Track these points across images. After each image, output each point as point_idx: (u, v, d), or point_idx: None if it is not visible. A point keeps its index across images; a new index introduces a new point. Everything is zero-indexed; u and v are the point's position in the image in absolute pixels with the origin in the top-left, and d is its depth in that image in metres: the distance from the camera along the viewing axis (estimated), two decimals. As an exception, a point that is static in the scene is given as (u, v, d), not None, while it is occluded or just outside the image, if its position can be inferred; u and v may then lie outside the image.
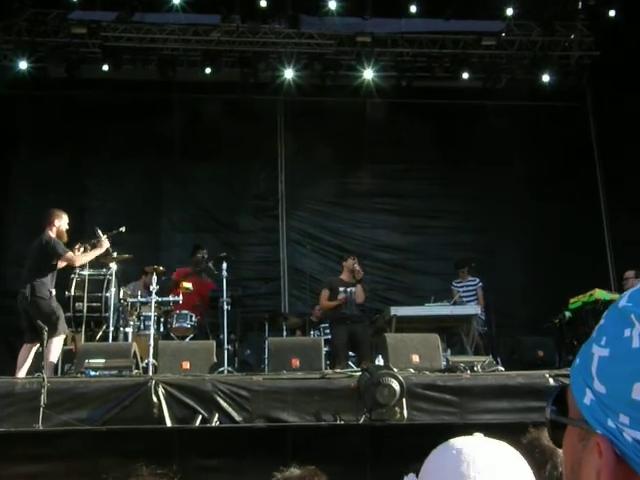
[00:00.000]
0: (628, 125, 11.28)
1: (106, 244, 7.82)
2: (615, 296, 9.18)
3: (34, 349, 7.28)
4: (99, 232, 7.92)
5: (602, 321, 0.76)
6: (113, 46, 11.84)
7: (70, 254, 7.48)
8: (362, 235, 12.99)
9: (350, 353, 9.20)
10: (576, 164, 12.78)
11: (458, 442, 1.26)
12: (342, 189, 13.16)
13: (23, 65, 11.52)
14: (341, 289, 9.38)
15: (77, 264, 7.69)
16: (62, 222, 7.66)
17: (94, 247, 7.84)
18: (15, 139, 12.44)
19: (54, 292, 7.39)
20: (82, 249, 7.83)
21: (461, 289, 10.47)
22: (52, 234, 7.53)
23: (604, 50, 12.37)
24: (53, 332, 7.13)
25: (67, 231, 7.67)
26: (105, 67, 11.90)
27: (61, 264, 7.53)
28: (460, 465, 1.20)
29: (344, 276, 9.65)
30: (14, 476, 4.96)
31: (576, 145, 12.86)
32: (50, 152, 12.22)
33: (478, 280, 10.54)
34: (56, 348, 7.18)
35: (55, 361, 7.20)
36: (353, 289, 9.41)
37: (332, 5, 11.43)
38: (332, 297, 9.44)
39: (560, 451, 2.27)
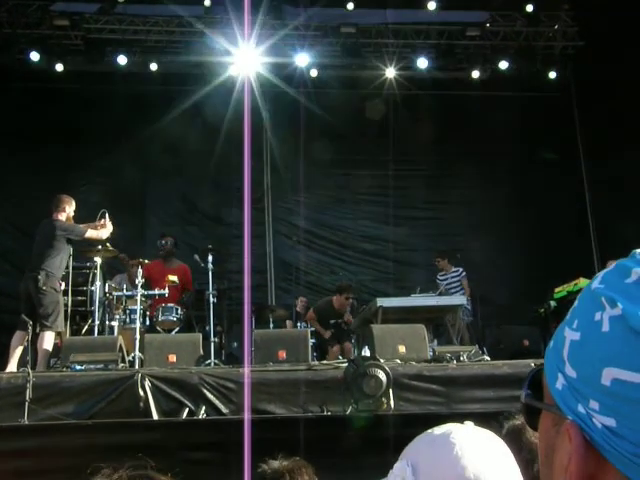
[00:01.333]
0: (612, 114, 11.32)
1: (110, 227, 7.87)
2: (600, 285, 9.24)
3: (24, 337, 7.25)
4: (106, 215, 8.00)
5: (575, 303, 0.75)
6: (96, 38, 11.74)
7: (89, 233, 7.63)
8: (348, 226, 13.01)
9: None
10: (561, 154, 12.84)
11: (453, 433, 1.25)
12: (328, 181, 13.15)
13: (4, 57, 11.39)
14: (332, 322, 9.64)
15: (104, 236, 7.80)
16: (71, 208, 7.79)
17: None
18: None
19: (63, 285, 7.41)
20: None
21: (445, 281, 10.49)
22: (62, 218, 7.57)
23: (588, 40, 12.40)
24: (51, 326, 7.13)
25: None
26: (87, 59, 11.78)
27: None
28: (457, 460, 1.20)
29: (336, 304, 9.85)
30: (0, 471, 4.94)
31: (560, 135, 12.90)
32: (33, 145, 12.10)
33: (461, 270, 10.57)
34: (49, 341, 7.17)
35: (50, 349, 7.19)
36: (339, 320, 9.79)
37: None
38: (320, 322, 9.86)
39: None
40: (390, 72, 12.44)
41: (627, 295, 0.68)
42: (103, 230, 7.82)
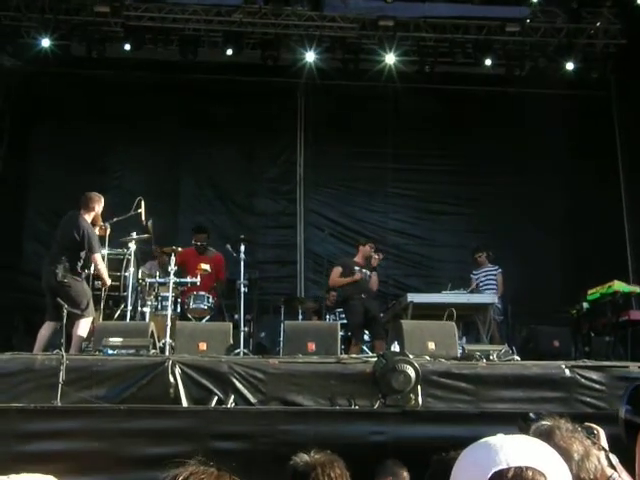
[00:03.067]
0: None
1: (108, 281, 7.77)
2: (634, 288, 9.12)
3: (53, 328, 7.35)
4: (142, 203, 8.14)
5: None
6: (135, 25, 11.82)
7: (98, 258, 7.51)
8: (380, 220, 12.98)
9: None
10: (599, 153, 12.65)
11: (491, 440, 1.24)
12: (361, 174, 13.11)
13: (46, 42, 11.51)
14: (356, 268, 9.39)
15: (98, 268, 7.57)
16: (100, 207, 7.77)
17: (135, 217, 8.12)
18: (35, 116, 12.50)
19: (84, 273, 7.45)
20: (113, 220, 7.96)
21: (481, 275, 10.43)
22: (89, 219, 7.57)
23: (630, 38, 12.19)
24: (83, 314, 7.21)
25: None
26: (127, 47, 11.86)
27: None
28: (486, 460, 1.19)
29: (358, 259, 9.65)
30: (31, 453, 5.02)
31: (599, 134, 12.71)
32: (70, 130, 12.26)
33: (498, 267, 10.51)
34: (84, 328, 7.26)
35: (84, 336, 7.27)
36: (368, 272, 9.45)
37: (355, -12, 11.34)
38: (345, 275, 9.46)
39: (575, 454, 2.25)
40: (427, 66, 12.33)
41: None
42: (107, 280, 7.71)
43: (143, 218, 8.26)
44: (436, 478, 2.68)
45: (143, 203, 8.17)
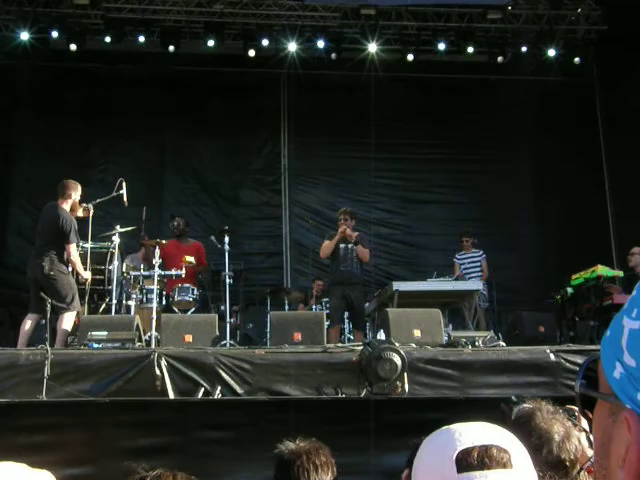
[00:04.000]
0: (634, 100, 11.18)
1: (88, 275, 7.70)
2: (617, 272, 9.19)
3: (36, 321, 7.31)
4: (123, 184, 8.12)
5: (634, 292, 0.74)
6: (115, 17, 11.73)
7: (73, 248, 7.41)
8: (365, 209, 12.95)
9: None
10: (581, 139, 12.71)
11: (452, 427, 1.25)
12: (345, 163, 13.10)
13: (25, 36, 11.40)
14: (341, 246, 9.11)
15: (71, 259, 7.45)
16: (77, 194, 7.70)
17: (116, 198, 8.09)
18: (16, 110, 12.38)
19: (70, 267, 7.42)
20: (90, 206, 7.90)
21: (466, 261, 10.47)
22: (67, 207, 7.53)
23: (611, 24, 12.23)
24: (68, 307, 7.17)
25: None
26: (107, 39, 11.77)
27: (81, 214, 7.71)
28: (449, 443, 1.19)
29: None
30: (17, 446, 5.00)
31: (582, 120, 12.78)
32: (52, 124, 12.16)
33: (482, 252, 10.55)
34: (69, 321, 7.22)
35: (69, 330, 7.24)
36: (348, 246, 9.14)
37: (336, -23, 11.31)
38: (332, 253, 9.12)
39: (556, 435, 2.27)
40: (409, 54, 12.33)
41: None
42: (84, 272, 7.60)
43: (125, 199, 8.23)
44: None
45: (124, 184, 8.13)
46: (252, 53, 12.03)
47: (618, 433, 0.70)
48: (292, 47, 12.08)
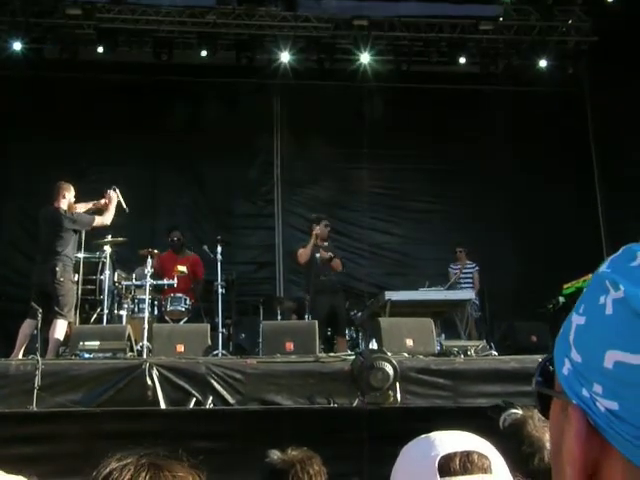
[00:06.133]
0: (625, 111, 11.25)
1: (113, 210, 7.92)
2: (609, 282, 9.20)
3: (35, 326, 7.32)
4: (117, 191, 8.14)
5: (585, 289, 0.75)
6: (108, 28, 11.75)
7: (99, 219, 7.67)
8: (358, 219, 12.99)
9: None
10: (572, 150, 12.78)
11: (430, 435, 1.26)
12: (338, 173, 13.12)
13: (17, 46, 11.40)
14: (317, 255, 9.28)
15: (108, 222, 7.81)
16: (71, 195, 7.79)
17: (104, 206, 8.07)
18: (8, 121, 12.34)
19: (76, 275, 7.48)
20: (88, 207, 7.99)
21: (458, 271, 10.51)
22: (64, 207, 7.58)
23: (602, 35, 12.32)
24: (65, 315, 7.19)
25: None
26: (100, 49, 11.78)
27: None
28: (430, 450, 1.20)
29: (319, 235, 9.59)
30: (7, 457, 4.97)
31: (573, 130, 12.84)
32: (45, 134, 12.13)
33: (475, 264, 10.60)
34: (61, 330, 7.22)
35: (62, 339, 7.23)
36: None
37: (329, -12, 11.36)
38: (309, 262, 9.34)
39: (547, 443, 2.28)
40: (402, 65, 12.38)
41: (630, 278, 0.68)
42: (107, 215, 7.85)
43: (124, 206, 8.24)
44: None
45: (118, 191, 8.15)
46: (245, 63, 12.05)
47: (568, 429, 0.70)
48: (285, 57, 12.11)
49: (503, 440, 1.27)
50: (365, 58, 12.17)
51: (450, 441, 1.21)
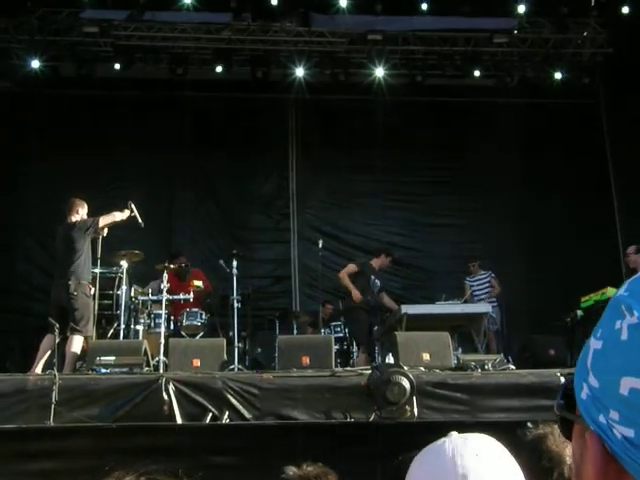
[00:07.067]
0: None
1: (127, 213, 8.04)
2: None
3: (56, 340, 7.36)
4: (132, 206, 8.17)
5: (604, 312, 0.74)
6: (124, 45, 11.87)
7: (104, 217, 7.79)
8: (373, 233, 12.97)
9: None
10: (589, 162, 12.71)
11: (446, 438, 1.26)
12: (353, 187, 13.14)
13: (35, 64, 11.55)
14: (372, 277, 9.42)
15: (117, 218, 7.93)
16: (84, 211, 7.89)
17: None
18: (26, 138, 12.46)
19: (92, 290, 7.54)
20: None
21: (475, 283, 10.51)
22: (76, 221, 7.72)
23: (617, 47, 12.28)
24: (81, 330, 7.23)
25: None
26: (117, 66, 11.90)
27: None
28: (447, 457, 1.20)
29: (375, 265, 9.68)
30: (25, 472, 4.99)
31: (588, 143, 12.78)
32: (61, 151, 12.23)
33: (490, 272, 10.60)
34: (78, 345, 7.26)
35: (78, 353, 7.27)
36: (378, 283, 9.51)
37: (343, 3, 11.39)
38: (359, 278, 9.42)
39: (567, 458, 2.26)
40: (416, 78, 12.40)
41: None
42: (116, 212, 7.91)
43: (140, 220, 8.28)
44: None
45: (133, 206, 8.19)
46: (260, 78, 12.12)
47: (586, 454, 0.70)
48: (300, 72, 12.16)
49: (522, 455, 1.25)
50: (380, 72, 12.20)
51: (469, 443, 1.20)
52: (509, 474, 1.21)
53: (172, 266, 8.64)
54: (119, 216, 7.97)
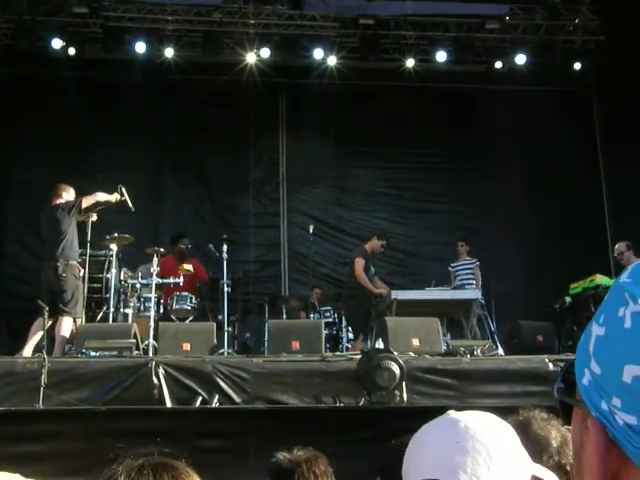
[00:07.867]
0: (632, 110, 11.21)
1: (115, 196, 8.04)
2: (616, 281, 9.17)
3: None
4: (122, 190, 8.15)
5: (606, 297, 0.74)
6: (114, 26, 11.75)
7: (82, 198, 7.76)
8: (363, 218, 12.97)
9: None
10: (579, 149, 12.74)
11: (453, 414, 1.27)
12: (343, 172, 13.12)
13: (24, 45, 11.41)
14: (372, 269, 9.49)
15: (100, 198, 7.90)
16: (69, 195, 7.86)
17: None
18: (16, 120, 12.36)
19: (82, 272, 7.53)
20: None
21: (460, 268, 10.50)
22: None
23: (609, 34, 12.28)
24: (70, 312, 7.22)
25: None
26: (106, 47, 11.77)
27: (81, 217, 7.82)
28: (457, 433, 1.20)
29: (369, 248, 9.71)
30: (14, 455, 4.98)
31: (579, 130, 12.80)
32: (51, 132, 12.13)
33: (475, 260, 10.58)
34: (67, 328, 7.25)
35: (67, 336, 7.26)
36: (373, 269, 9.63)
37: (335, -14, 11.35)
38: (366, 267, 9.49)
39: (553, 441, 2.28)
40: (408, 64, 12.35)
41: None
42: (99, 193, 7.90)
43: (130, 205, 8.25)
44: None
45: (124, 190, 8.16)
46: (252, 59, 12.04)
47: (587, 440, 0.70)
48: (290, 56, 12.09)
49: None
50: (370, 56, 12.13)
51: (474, 419, 1.22)
52: (516, 440, 1.25)
53: (162, 250, 8.59)
54: (103, 197, 7.94)
